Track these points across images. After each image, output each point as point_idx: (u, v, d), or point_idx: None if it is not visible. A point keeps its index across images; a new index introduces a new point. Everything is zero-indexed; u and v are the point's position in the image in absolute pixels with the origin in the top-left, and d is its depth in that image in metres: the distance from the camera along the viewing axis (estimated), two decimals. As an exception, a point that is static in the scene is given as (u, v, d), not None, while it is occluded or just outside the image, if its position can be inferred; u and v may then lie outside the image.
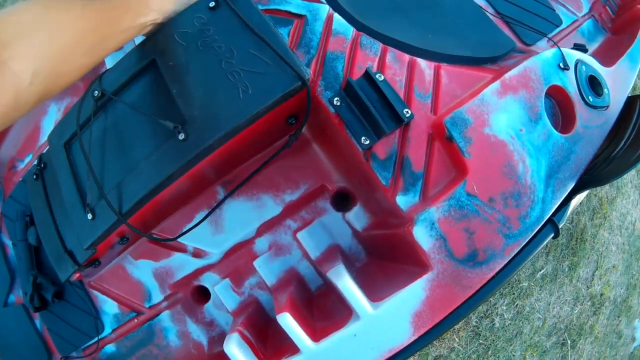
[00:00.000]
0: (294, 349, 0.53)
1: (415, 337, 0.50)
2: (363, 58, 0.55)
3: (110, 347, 0.77)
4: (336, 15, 0.58)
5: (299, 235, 0.64)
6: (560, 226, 0.60)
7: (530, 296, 1.13)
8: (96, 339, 0.74)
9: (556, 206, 0.56)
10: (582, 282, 1.18)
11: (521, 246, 0.53)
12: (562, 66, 0.61)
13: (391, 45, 0.57)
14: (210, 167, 0.58)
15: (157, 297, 0.72)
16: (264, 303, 0.69)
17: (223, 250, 0.68)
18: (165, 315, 0.72)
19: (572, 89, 0.61)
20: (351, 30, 0.57)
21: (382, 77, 0.52)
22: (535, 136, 0.56)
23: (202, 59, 0.53)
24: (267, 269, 0.66)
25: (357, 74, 0.54)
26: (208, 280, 0.70)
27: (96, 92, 0.59)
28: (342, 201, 0.67)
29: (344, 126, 0.52)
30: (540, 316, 1.12)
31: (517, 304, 1.12)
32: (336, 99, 0.52)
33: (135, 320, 0.74)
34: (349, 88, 0.51)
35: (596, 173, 0.57)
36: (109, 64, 0.82)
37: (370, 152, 0.52)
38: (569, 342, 1.12)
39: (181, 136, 0.50)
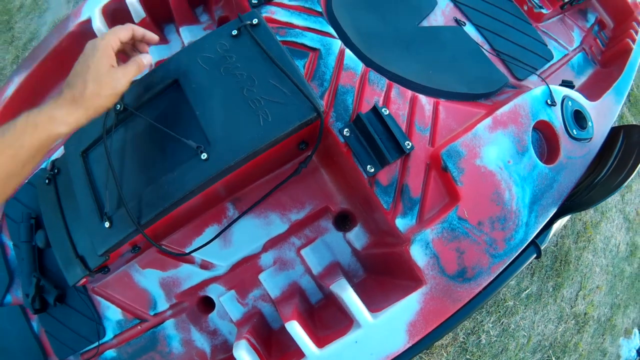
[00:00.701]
0: (298, 355, 0.59)
1: (410, 344, 0.58)
2: (370, 93, 0.64)
3: (110, 353, 0.80)
4: (347, 51, 0.66)
5: (303, 252, 0.72)
6: (542, 247, 0.69)
7: (516, 314, 1.22)
8: (96, 343, 0.78)
9: (539, 229, 0.64)
10: (566, 301, 1.27)
11: (506, 265, 0.61)
12: (549, 102, 0.70)
13: (395, 81, 0.66)
14: (224, 185, 0.66)
15: (163, 305, 0.77)
16: (266, 315, 0.76)
17: (230, 264, 0.75)
18: (169, 323, 0.77)
19: (558, 124, 0.70)
20: (361, 66, 0.65)
21: (387, 112, 0.61)
22: (521, 167, 0.64)
23: (224, 85, 0.60)
24: (271, 283, 0.73)
25: (365, 107, 0.63)
26: (214, 291, 0.76)
27: (118, 106, 0.65)
28: (344, 222, 0.75)
29: (352, 155, 0.60)
30: (525, 334, 1.20)
31: (502, 322, 1.20)
32: (346, 130, 0.60)
33: (139, 327, 0.78)
34: (358, 121, 0.59)
35: (578, 199, 0.65)
36: None
37: (374, 179, 0.60)
38: (553, 358, 1.21)
39: (204, 156, 0.57)
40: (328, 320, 0.70)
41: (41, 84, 0.93)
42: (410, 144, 0.61)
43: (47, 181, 0.75)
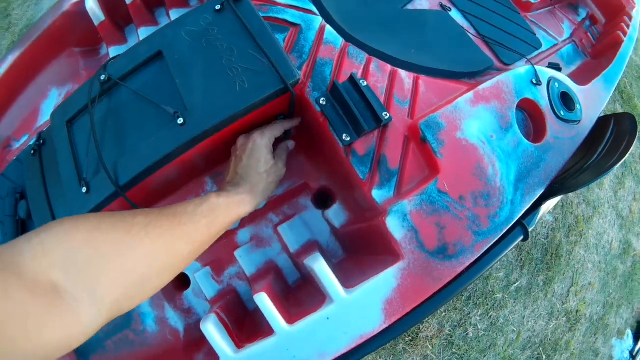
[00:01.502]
0: (268, 332, 0.55)
1: (386, 324, 0.53)
2: (349, 65, 0.62)
3: None
4: (328, 27, 0.65)
5: (280, 228, 0.69)
6: (530, 229, 0.65)
7: (505, 308, 1.16)
8: None
9: (525, 209, 0.61)
10: (557, 297, 1.22)
11: (490, 244, 0.58)
12: (534, 82, 0.68)
13: (376, 56, 0.64)
14: (202, 154, 0.63)
15: None
16: (241, 294, 0.72)
17: None
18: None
19: (544, 103, 0.68)
20: (340, 41, 0.64)
21: (365, 83, 0.59)
22: (505, 143, 0.62)
23: (205, 55, 0.60)
24: (247, 260, 0.70)
25: (343, 79, 0.61)
26: (189, 267, 0.73)
27: (103, 76, 0.65)
28: (323, 200, 0.72)
29: (327, 124, 0.58)
30: (515, 329, 1.15)
31: (491, 315, 1.15)
32: (322, 99, 0.58)
33: None
34: (335, 90, 0.57)
35: (568, 181, 0.63)
36: (114, 54, 0.88)
37: (350, 149, 0.58)
38: (544, 356, 1.15)
39: (180, 121, 0.56)
40: (303, 300, 0.66)
41: (34, 62, 0.93)
42: (388, 114, 0.59)
43: (32, 152, 0.74)
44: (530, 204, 0.63)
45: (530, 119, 0.71)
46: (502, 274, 1.20)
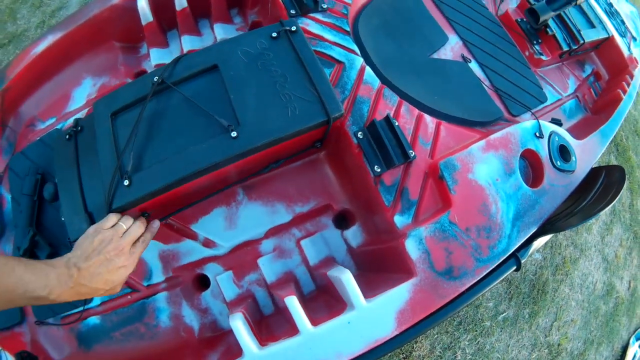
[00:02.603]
0: (291, 332, 0.67)
1: (398, 332, 0.66)
2: (384, 106, 0.77)
3: (93, 320, 0.84)
4: (367, 68, 0.80)
5: (303, 242, 0.83)
6: (522, 261, 0.80)
7: (492, 335, 1.31)
8: (81, 308, 0.82)
9: (520, 243, 0.77)
10: (541, 330, 1.38)
11: (489, 269, 0.72)
12: (537, 135, 0.84)
13: (405, 99, 0.80)
14: (241, 167, 0.76)
15: (158, 277, 0.83)
16: (259, 299, 0.84)
17: (232, 245, 0.84)
18: (161, 296, 0.83)
19: (544, 154, 0.84)
20: (377, 82, 0.79)
21: (397, 123, 0.73)
22: (507, 186, 0.77)
23: (260, 77, 0.72)
24: (269, 268, 0.83)
25: (378, 117, 0.75)
26: (211, 270, 0.84)
27: (156, 77, 0.74)
28: (343, 221, 0.87)
29: (362, 155, 0.71)
30: (500, 356, 1.29)
31: (478, 341, 1.30)
32: (360, 133, 0.72)
33: (129, 297, 0.83)
34: (372, 126, 0.71)
35: (558, 222, 0.77)
36: (154, 55, 0.96)
37: (379, 179, 0.72)
38: (525, 386, 1.28)
39: (234, 134, 0.68)
40: (319, 309, 0.78)
41: (72, 47, 1.01)
42: (413, 153, 0.74)
43: (67, 137, 0.80)
44: (524, 239, 0.77)
45: (531, 167, 0.86)
46: (492, 304, 1.35)
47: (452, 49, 1.02)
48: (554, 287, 1.42)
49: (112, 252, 0.61)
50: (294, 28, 0.76)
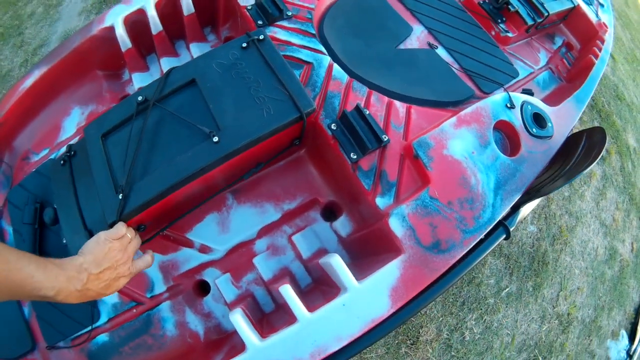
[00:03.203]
0: (289, 322, 0.70)
1: (393, 309, 0.70)
2: (354, 97, 0.83)
3: (102, 337, 0.88)
4: (335, 65, 0.86)
5: (294, 238, 0.87)
6: (511, 229, 0.84)
7: (497, 312, 1.34)
8: (89, 328, 0.86)
9: (505, 211, 0.81)
10: (548, 301, 1.40)
11: (477, 240, 0.77)
12: (509, 105, 0.89)
13: (375, 89, 0.86)
14: (226, 172, 0.81)
15: (160, 287, 0.88)
16: (258, 297, 0.88)
17: (227, 248, 0.88)
18: (165, 306, 0.87)
19: (518, 123, 0.89)
20: (345, 77, 0.85)
21: (368, 112, 0.79)
22: (484, 157, 0.82)
23: (235, 84, 0.79)
24: (264, 266, 0.87)
25: (349, 108, 0.81)
26: (210, 275, 0.89)
27: (140, 97, 0.80)
28: (330, 213, 0.92)
29: (338, 145, 0.77)
30: (509, 332, 1.31)
31: (485, 319, 1.32)
32: (333, 125, 0.78)
33: (134, 310, 0.88)
34: (344, 117, 0.77)
35: (544, 188, 0.82)
36: (136, 80, 1.03)
37: (356, 165, 0.77)
38: (540, 358, 1.31)
39: (215, 139, 0.73)
40: (315, 299, 0.82)
41: (58, 80, 1.08)
42: (386, 137, 0.79)
43: (62, 162, 0.86)
44: (509, 207, 0.82)
45: (507, 138, 0.91)
46: (493, 280, 1.38)
47: (417, 38, 1.09)
48: (554, 257, 1.44)
49: (119, 261, 0.65)
50: (261, 37, 0.83)
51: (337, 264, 0.71)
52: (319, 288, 0.82)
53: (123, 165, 0.76)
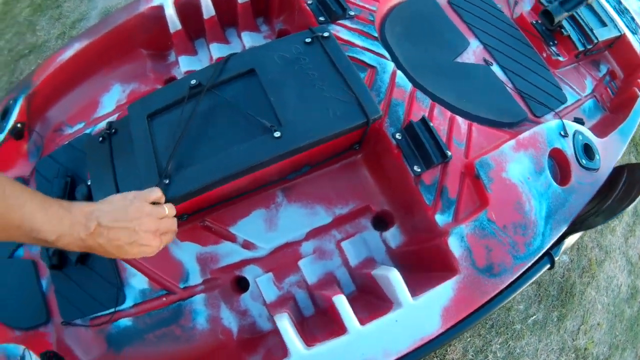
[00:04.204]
0: (338, 332, 0.71)
1: (443, 329, 0.72)
2: (417, 108, 0.85)
3: (125, 321, 0.88)
4: (398, 72, 0.88)
5: (343, 244, 0.87)
6: (555, 259, 0.87)
7: (522, 339, 1.38)
8: (113, 310, 0.86)
9: (553, 241, 0.83)
10: (569, 333, 1.45)
11: (526, 267, 0.79)
12: (562, 134, 0.93)
13: (437, 102, 0.87)
14: (277, 169, 0.80)
15: (195, 279, 0.88)
16: (299, 301, 0.88)
17: (272, 247, 0.89)
18: (199, 298, 0.87)
19: (570, 152, 0.92)
20: (409, 86, 0.87)
21: (432, 125, 0.81)
22: (538, 184, 0.85)
23: (299, 79, 0.79)
24: (309, 269, 0.87)
25: (413, 118, 0.83)
26: (250, 272, 0.89)
27: (193, 80, 0.80)
28: (381, 222, 0.92)
29: (401, 156, 0.79)
30: (529, 360, 1.35)
31: (509, 344, 1.36)
32: (398, 134, 0.80)
33: (164, 299, 0.87)
34: (410, 128, 0.79)
35: (587, 221, 0.85)
36: (183, 63, 1.02)
37: (419, 179, 0.79)
38: (552, 391, 1.35)
39: (277, 134, 0.73)
40: (360, 310, 0.83)
41: (100, 55, 1.07)
42: (450, 152, 0.81)
43: (100, 139, 0.86)
44: (557, 237, 0.85)
45: (558, 166, 0.94)
46: (522, 306, 1.43)
47: (474, 52, 1.12)
48: (581, 290, 1.49)
49: (144, 226, 0.59)
50: (326, 34, 0.84)
51: (395, 279, 0.72)
52: (364, 298, 0.84)
53: (169, 150, 0.75)
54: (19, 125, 1.03)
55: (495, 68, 1.11)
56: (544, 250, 0.83)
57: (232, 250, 0.88)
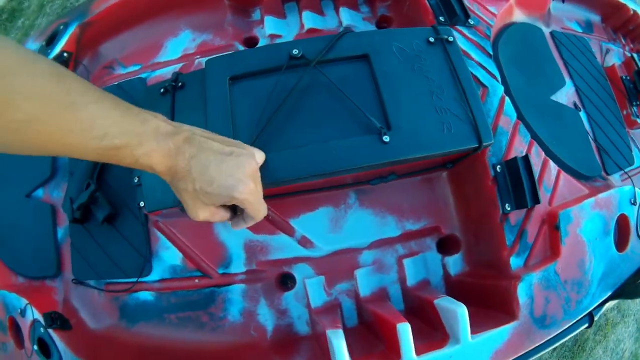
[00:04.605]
0: (390, 357, 0.78)
1: None
2: (519, 142, 0.92)
3: (145, 295, 0.90)
4: (507, 98, 0.93)
5: (405, 261, 0.95)
6: (595, 318, 1.00)
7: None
8: (135, 279, 0.87)
9: (598, 303, 0.94)
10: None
11: (571, 323, 0.90)
12: (632, 201, 1.04)
13: (535, 139, 0.94)
14: (369, 173, 0.84)
15: (238, 267, 0.91)
16: (344, 310, 0.95)
17: (331, 250, 0.94)
18: (237, 288, 0.91)
19: (633, 221, 1.03)
20: (514, 116, 0.94)
21: (533, 165, 0.88)
22: (602, 246, 0.97)
23: (416, 81, 0.81)
24: (365, 281, 0.94)
25: (513, 153, 0.90)
26: (300, 271, 0.93)
27: (295, 50, 0.79)
28: (446, 246, 1.01)
29: (496, 189, 0.85)
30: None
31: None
32: (498, 166, 0.86)
33: (196, 281, 0.90)
34: (513, 163, 0.86)
35: (627, 290, 0.98)
36: (269, 24, 1.01)
37: (506, 217, 0.87)
38: None
39: (386, 138, 0.75)
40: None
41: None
42: (540, 198, 0.89)
43: (162, 90, 0.83)
44: (602, 300, 0.97)
45: (618, 231, 1.06)
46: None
47: (567, 93, 1.20)
48: (592, 347, 1.72)
49: (243, 165, 0.55)
50: (450, 39, 0.87)
51: (463, 316, 0.79)
52: (412, 321, 0.91)
53: (251, 124, 0.74)
54: (65, 54, 1.00)
55: (583, 114, 1.20)
56: (589, 310, 0.94)
57: (287, 245, 0.92)
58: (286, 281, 0.95)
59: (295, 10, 1.08)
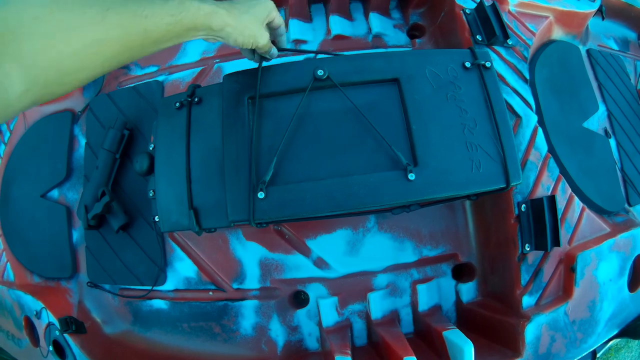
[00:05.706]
0: None
1: None
2: (546, 178, 0.89)
3: (159, 303, 0.93)
4: (539, 130, 0.89)
5: (419, 286, 0.96)
6: (598, 355, 1.01)
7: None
8: (149, 287, 0.90)
9: (602, 342, 0.95)
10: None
11: None
12: None
13: (563, 175, 0.91)
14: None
15: (252, 284, 0.92)
16: (355, 330, 0.97)
17: (346, 272, 0.94)
18: (250, 304, 0.93)
19: None
20: (545, 150, 0.90)
21: (558, 207, 0.86)
22: (615, 288, 0.96)
23: (448, 113, 0.76)
24: (377, 304, 0.95)
25: (539, 190, 0.89)
26: (314, 290, 0.95)
27: (321, 72, 0.74)
28: (461, 273, 1.01)
29: (517, 228, 0.84)
30: None
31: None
32: (524, 205, 0.84)
33: (210, 293, 0.92)
34: (539, 203, 0.84)
35: (630, 329, 0.98)
36: (294, 27, 0.96)
37: (524, 256, 0.85)
38: None
39: (411, 176, 0.71)
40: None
41: None
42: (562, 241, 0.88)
43: (177, 105, 0.78)
44: (607, 339, 0.97)
45: (632, 271, 1.05)
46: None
47: (598, 119, 1.15)
48: None
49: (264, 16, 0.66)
50: (488, 64, 0.81)
51: (468, 353, 0.80)
52: (420, 344, 0.93)
53: (271, 150, 0.70)
54: None
55: (612, 142, 1.15)
56: (592, 349, 0.95)
57: (302, 265, 0.93)
58: (299, 296, 0.97)
59: (322, 13, 1.03)
